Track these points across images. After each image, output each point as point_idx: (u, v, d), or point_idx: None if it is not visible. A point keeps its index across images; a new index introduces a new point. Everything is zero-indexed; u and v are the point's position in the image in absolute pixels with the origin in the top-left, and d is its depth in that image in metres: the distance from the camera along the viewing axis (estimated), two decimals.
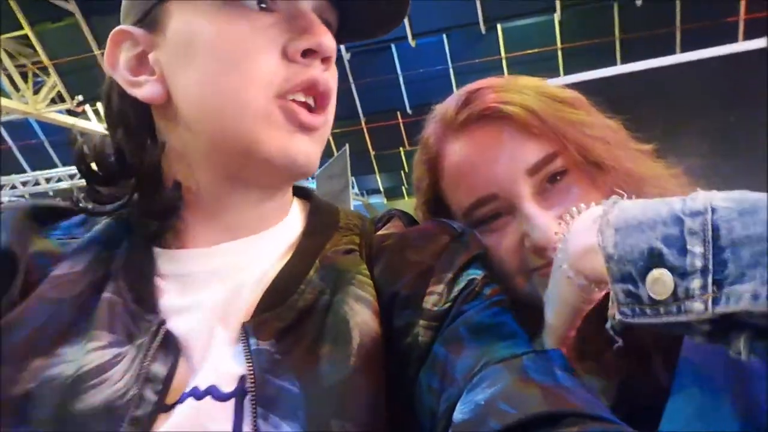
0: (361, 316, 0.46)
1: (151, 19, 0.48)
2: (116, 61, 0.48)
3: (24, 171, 8.81)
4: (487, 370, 0.40)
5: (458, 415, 0.38)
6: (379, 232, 0.56)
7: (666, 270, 0.35)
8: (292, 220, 0.54)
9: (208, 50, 0.45)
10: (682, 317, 0.35)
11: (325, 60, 0.48)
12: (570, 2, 6.82)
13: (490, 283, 0.50)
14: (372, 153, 10.54)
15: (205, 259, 0.49)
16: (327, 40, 0.47)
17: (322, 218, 0.55)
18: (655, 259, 0.36)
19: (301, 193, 0.58)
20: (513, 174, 0.56)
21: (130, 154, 0.49)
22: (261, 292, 0.47)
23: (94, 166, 0.50)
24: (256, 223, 0.51)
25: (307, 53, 0.46)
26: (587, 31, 7.20)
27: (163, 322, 0.44)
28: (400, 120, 9.46)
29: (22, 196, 8.49)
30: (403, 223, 0.58)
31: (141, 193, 0.50)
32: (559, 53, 7.32)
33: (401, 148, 10.52)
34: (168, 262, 0.49)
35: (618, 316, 0.38)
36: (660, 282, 0.35)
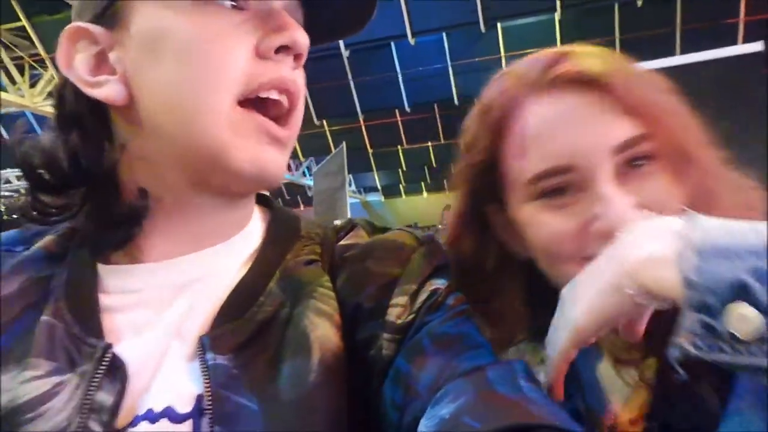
0: (322, 329, 0.44)
1: (110, 16, 0.45)
2: (71, 61, 0.46)
3: None
4: (450, 384, 0.39)
5: (423, 429, 0.37)
6: (342, 242, 0.54)
7: (752, 307, 0.32)
8: (253, 229, 0.52)
9: (181, 48, 0.42)
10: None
11: (297, 57, 0.46)
12: (571, 2, 6.83)
13: (454, 292, 0.48)
14: (370, 150, 10.55)
15: (164, 272, 0.46)
16: (301, 37, 0.45)
17: (282, 227, 0.53)
18: (740, 293, 0.33)
19: (261, 200, 0.57)
20: (598, 148, 0.50)
21: (86, 158, 0.46)
22: (220, 304, 0.45)
23: (42, 172, 0.46)
24: (221, 230, 0.49)
25: (281, 50, 0.45)
26: (587, 30, 7.21)
27: (108, 347, 0.41)
28: (399, 118, 9.47)
29: (17, 190, 8.47)
30: (367, 233, 0.56)
31: (95, 203, 0.48)
32: None
33: (399, 146, 10.52)
34: (118, 277, 0.46)
35: (693, 351, 0.34)
36: (744, 319, 0.32)
